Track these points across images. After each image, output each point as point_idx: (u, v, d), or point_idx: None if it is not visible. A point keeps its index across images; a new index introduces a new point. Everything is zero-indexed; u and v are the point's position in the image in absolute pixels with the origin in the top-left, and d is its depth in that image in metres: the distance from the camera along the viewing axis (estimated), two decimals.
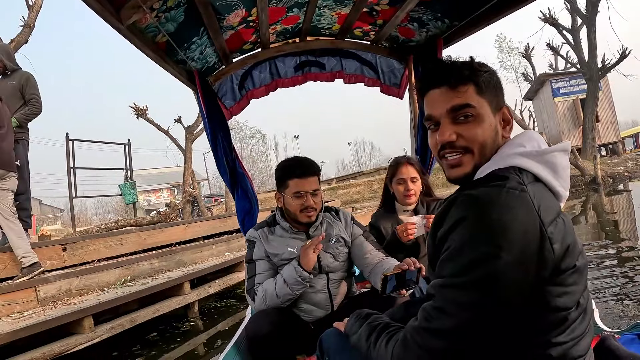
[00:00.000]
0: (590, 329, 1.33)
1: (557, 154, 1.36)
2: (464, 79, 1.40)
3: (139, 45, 2.48)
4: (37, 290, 4.91)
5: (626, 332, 2.11)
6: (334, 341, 1.83)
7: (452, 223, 1.24)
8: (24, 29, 11.99)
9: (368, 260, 2.83)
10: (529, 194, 1.21)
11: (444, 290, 1.23)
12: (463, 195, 1.28)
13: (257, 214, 3.64)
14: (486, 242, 1.14)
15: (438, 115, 1.43)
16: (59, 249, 6.18)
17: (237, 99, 3.75)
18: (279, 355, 2.48)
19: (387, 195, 3.46)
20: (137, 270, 6.30)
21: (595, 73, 23.85)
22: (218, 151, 3.41)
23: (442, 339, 1.21)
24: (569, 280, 1.21)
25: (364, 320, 1.64)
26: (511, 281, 1.13)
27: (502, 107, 1.45)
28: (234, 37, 3.17)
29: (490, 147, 1.39)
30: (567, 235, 1.23)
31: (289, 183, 2.74)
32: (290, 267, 2.62)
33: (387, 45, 3.85)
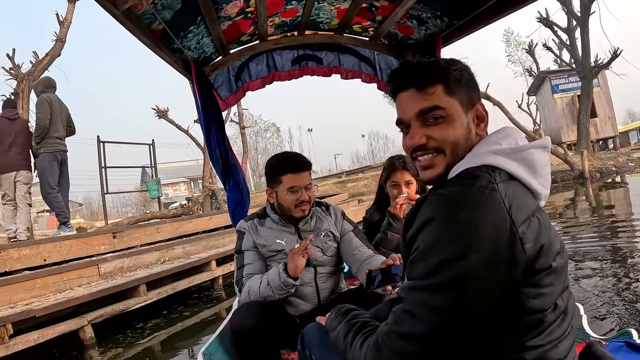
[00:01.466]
0: (571, 331, 1.30)
1: (535, 150, 1.32)
2: (432, 80, 1.37)
3: (134, 32, 2.45)
4: (99, 267, 6.78)
5: (614, 339, 2.07)
6: (315, 336, 1.81)
7: (420, 223, 1.22)
8: (56, 43, 12.97)
9: (357, 257, 2.88)
10: (500, 192, 1.19)
11: (413, 293, 1.21)
12: (432, 195, 1.27)
13: (248, 205, 3.65)
14: (454, 243, 1.12)
15: (408, 118, 1.41)
16: (110, 236, 8.17)
17: (232, 90, 3.68)
18: (263, 348, 2.49)
19: (381, 194, 3.53)
20: (172, 253, 8.29)
21: (588, 72, 25.10)
22: (211, 142, 3.40)
23: (412, 343, 1.19)
24: (545, 281, 1.19)
25: (343, 317, 1.62)
26: (481, 282, 1.12)
27: (475, 104, 1.42)
28: (232, 28, 3.12)
29: (463, 146, 1.37)
30: (542, 234, 1.20)
31: (282, 179, 2.77)
32: (276, 270, 2.64)
33: (385, 42, 3.78)
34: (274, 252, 2.80)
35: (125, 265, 7.05)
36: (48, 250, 6.84)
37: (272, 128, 67.56)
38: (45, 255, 6.76)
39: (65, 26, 13.01)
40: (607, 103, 30.33)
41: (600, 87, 29.52)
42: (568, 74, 29.16)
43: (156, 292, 6.63)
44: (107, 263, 6.82)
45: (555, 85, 29.92)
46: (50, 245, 6.98)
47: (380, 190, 3.57)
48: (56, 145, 7.42)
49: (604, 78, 29.89)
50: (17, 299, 5.58)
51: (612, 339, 2.06)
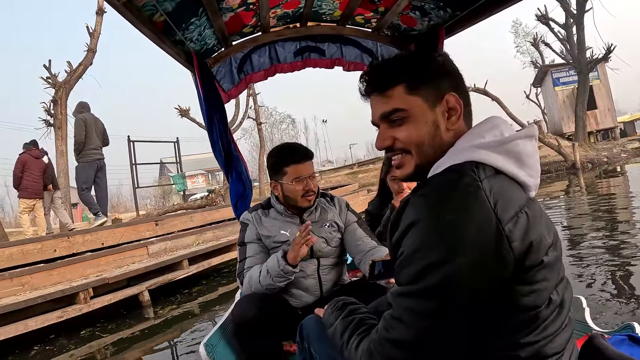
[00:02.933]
0: (568, 324, 1.21)
1: (520, 141, 1.23)
2: (391, 82, 1.29)
3: (135, 24, 2.34)
4: (148, 248, 7.98)
5: (616, 332, 1.97)
6: (314, 328, 1.72)
7: (405, 226, 1.14)
8: (88, 53, 13.79)
9: (360, 247, 2.69)
10: (484, 190, 1.10)
11: (400, 299, 1.15)
12: (415, 196, 1.19)
13: (251, 197, 3.49)
14: (439, 246, 1.05)
15: (375, 121, 1.35)
16: (153, 224, 9.61)
17: (235, 83, 3.55)
18: (264, 340, 2.34)
19: (383, 187, 3.41)
20: (204, 236, 9.41)
21: (584, 67, 25.77)
22: (214, 133, 3.25)
23: (402, 350, 1.13)
24: (537, 277, 1.10)
25: (340, 312, 1.54)
26: (468, 285, 1.05)
27: (444, 96, 1.29)
28: (234, 19, 2.96)
29: (429, 144, 1.28)
30: (531, 230, 1.11)
31: (287, 170, 2.60)
32: (274, 258, 2.46)
33: (388, 33, 3.61)
34: (278, 243, 2.64)
35: (168, 246, 8.30)
36: (105, 236, 8.34)
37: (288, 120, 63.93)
38: (103, 240, 8.22)
39: (95, 37, 13.79)
40: (606, 95, 30.69)
41: (600, 79, 30.01)
42: (568, 68, 29.19)
43: (195, 266, 7.97)
44: (154, 245, 8.10)
45: (556, 78, 30.64)
46: (106, 232, 8.51)
47: (382, 183, 3.44)
48: (92, 156, 8.88)
49: (603, 71, 29.97)
50: (87, 273, 6.82)
51: (615, 332, 1.97)
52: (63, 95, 13.35)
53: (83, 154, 8.83)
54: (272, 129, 59.49)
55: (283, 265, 2.40)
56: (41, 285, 6.28)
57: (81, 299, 5.92)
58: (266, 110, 48.51)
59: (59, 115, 13.17)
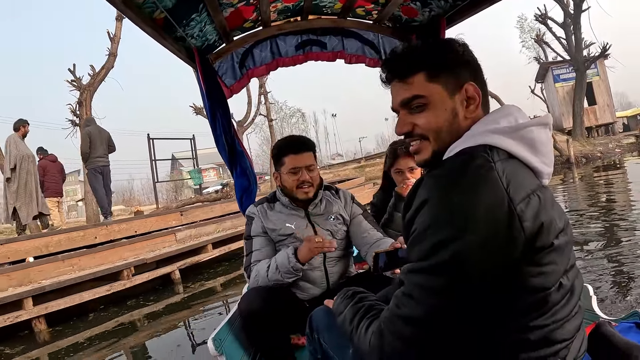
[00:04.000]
0: (578, 311, 1.16)
1: (534, 128, 1.20)
2: (412, 69, 1.26)
3: (135, 21, 2.28)
4: (176, 235, 8.68)
5: (624, 320, 1.93)
6: (323, 319, 1.68)
7: (417, 205, 1.12)
8: (109, 57, 14.24)
9: (366, 240, 2.57)
10: (497, 171, 1.07)
11: (411, 275, 1.12)
12: (428, 176, 1.17)
13: (256, 192, 3.38)
14: (450, 223, 1.03)
15: (395, 108, 1.33)
16: (178, 214, 10.53)
17: (237, 78, 3.46)
18: (272, 333, 2.25)
19: (387, 179, 3.26)
20: (224, 225, 10.00)
21: (581, 65, 26.09)
22: (217, 129, 3.15)
23: (413, 326, 1.10)
24: (546, 260, 1.06)
25: (349, 300, 1.48)
26: (478, 263, 1.02)
27: (463, 85, 1.26)
28: (234, 14, 2.87)
29: (447, 131, 1.25)
30: (542, 212, 1.06)
31: (285, 160, 2.51)
32: (285, 254, 2.34)
33: (389, 24, 3.49)
34: (283, 236, 2.54)
35: (193, 234, 9.07)
36: (137, 225, 9.22)
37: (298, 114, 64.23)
38: (136, 228, 9.04)
39: (115, 42, 14.25)
40: (605, 91, 30.91)
41: (599, 76, 30.27)
42: (568, 65, 29.11)
43: (218, 250, 8.74)
44: (180, 232, 8.90)
45: (556, 75, 31.00)
46: (138, 222, 9.50)
47: (385, 176, 3.30)
48: (97, 163, 9.67)
49: (603, 68, 30.08)
50: (125, 256, 7.52)
51: (622, 319, 1.93)
52: (88, 97, 13.98)
53: (89, 162, 9.63)
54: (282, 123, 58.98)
55: (294, 262, 2.30)
56: (87, 266, 7.05)
57: (124, 275, 6.80)
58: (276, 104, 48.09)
59: (84, 115, 13.48)
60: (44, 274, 6.52)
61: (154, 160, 15.60)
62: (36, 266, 6.56)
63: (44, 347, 5.31)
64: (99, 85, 14.44)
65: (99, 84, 14.39)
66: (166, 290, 7.30)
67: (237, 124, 20.13)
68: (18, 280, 6.25)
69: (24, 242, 7.46)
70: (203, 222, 9.97)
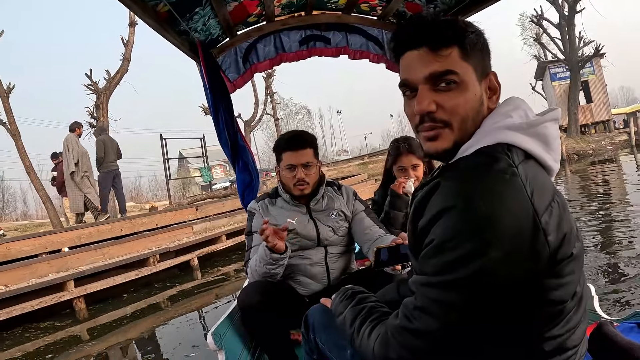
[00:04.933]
0: (585, 315, 1.07)
1: (548, 124, 1.10)
2: (447, 41, 1.07)
3: (139, 14, 2.22)
4: (193, 227, 9.05)
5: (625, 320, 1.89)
6: (319, 318, 1.59)
7: (434, 213, 0.98)
8: (123, 62, 14.62)
9: (368, 236, 2.46)
10: (521, 177, 0.96)
11: (426, 289, 1.01)
12: (445, 180, 1.02)
13: (258, 187, 3.29)
14: (472, 237, 0.92)
15: (415, 80, 1.10)
16: (194, 209, 11.00)
17: (240, 72, 3.39)
18: (272, 328, 2.17)
19: (388, 177, 3.10)
20: (235, 219, 10.23)
21: (575, 65, 26.51)
22: (220, 123, 3.07)
23: (423, 340, 1.02)
24: (566, 270, 0.97)
25: (349, 301, 1.40)
26: (500, 280, 0.92)
27: (488, 74, 1.13)
28: (238, 8, 2.79)
29: (472, 120, 1.09)
30: (564, 221, 0.97)
31: (283, 156, 2.39)
32: (262, 247, 2.24)
33: (394, 20, 3.38)
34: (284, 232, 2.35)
35: (207, 226, 9.53)
36: (158, 219, 9.81)
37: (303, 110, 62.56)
38: (157, 222, 9.62)
39: (129, 47, 14.61)
40: (602, 89, 31.06)
41: (595, 75, 30.39)
42: (564, 64, 29.53)
43: (231, 240, 9.21)
44: (197, 225, 9.38)
45: (553, 73, 31.25)
46: (159, 216, 10.15)
47: (386, 173, 3.15)
48: (109, 167, 10.51)
49: (599, 67, 30.15)
50: (149, 246, 7.98)
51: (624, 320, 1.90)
52: (104, 100, 14.45)
53: (103, 166, 10.45)
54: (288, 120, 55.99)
55: (269, 254, 2.22)
56: (116, 255, 7.60)
57: (151, 262, 7.47)
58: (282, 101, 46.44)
59: (101, 118, 14.03)
60: (79, 262, 7.13)
61: (166, 159, 16.05)
62: (72, 255, 7.29)
63: (84, 323, 5.93)
64: (115, 89, 14.87)
65: (114, 87, 14.83)
66: (186, 275, 7.91)
67: (245, 124, 20.51)
68: (57, 267, 6.88)
69: (60, 234, 8.30)
70: (216, 215, 10.42)
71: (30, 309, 5.84)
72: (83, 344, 5.18)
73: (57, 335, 5.51)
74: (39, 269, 6.73)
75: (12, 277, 6.40)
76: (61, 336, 5.48)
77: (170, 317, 5.82)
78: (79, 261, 7.22)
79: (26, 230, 14.63)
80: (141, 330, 5.45)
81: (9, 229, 14.19)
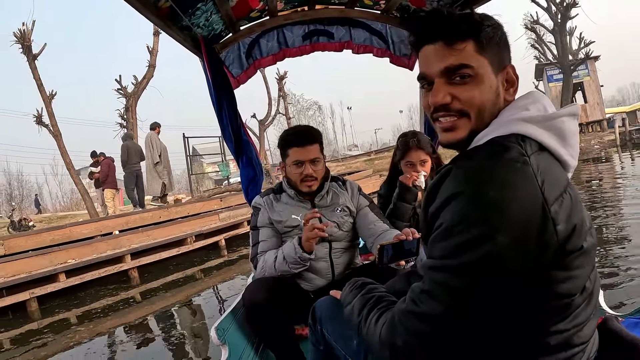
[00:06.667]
0: (595, 312, 1.03)
1: (565, 118, 1.05)
2: (462, 35, 1.05)
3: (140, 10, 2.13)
4: (219, 215, 9.68)
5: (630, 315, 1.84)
6: (327, 310, 1.55)
7: (444, 199, 0.96)
8: (149, 68, 15.33)
9: (372, 231, 2.31)
10: (532, 166, 0.92)
11: (433, 272, 0.98)
12: (457, 167, 1.00)
13: (262, 182, 3.18)
14: (481, 222, 0.90)
15: (431, 74, 1.09)
16: (219, 200, 11.57)
17: (244, 68, 3.29)
18: (276, 324, 2.07)
19: (394, 173, 2.92)
20: None
21: (567, 68, 27.25)
22: (223, 119, 2.96)
23: (429, 324, 0.98)
24: (575, 264, 0.93)
25: (359, 290, 1.35)
26: (506, 266, 0.90)
27: (505, 66, 1.09)
28: (241, 4, 2.69)
29: (489, 111, 1.07)
30: (574, 213, 0.93)
31: (289, 152, 2.24)
32: (291, 245, 2.11)
33: (397, 14, 3.24)
34: (289, 227, 2.32)
35: (231, 214, 10.18)
36: (189, 209, 10.62)
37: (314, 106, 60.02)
38: (188, 210, 10.38)
39: (154, 54, 15.26)
40: (596, 90, 31.89)
41: (590, 76, 31.18)
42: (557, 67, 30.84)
43: None
44: (222, 213, 10.10)
45: (550, 75, 32.22)
46: (190, 206, 11.00)
47: (393, 168, 3.00)
48: (132, 168, 11.41)
49: (593, 69, 30.73)
50: (184, 230, 8.92)
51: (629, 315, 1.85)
52: (133, 104, 15.31)
53: (127, 168, 11.35)
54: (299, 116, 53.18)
55: (300, 252, 2.11)
56: (158, 236, 8.57)
57: (188, 242, 8.38)
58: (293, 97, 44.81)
59: (130, 119, 14.67)
60: (129, 241, 8.10)
61: (188, 156, 16.98)
62: (124, 236, 8.34)
63: (137, 288, 6.98)
64: (142, 92, 15.66)
65: (141, 91, 15.63)
66: (215, 253, 8.88)
67: (260, 123, 21.46)
68: (112, 245, 7.93)
69: (111, 220, 9.36)
70: (237, 205, 11.23)
71: (98, 276, 7.01)
72: (137, 304, 6.39)
73: (120, 297, 6.61)
74: (99, 247, 7.86)
75: (79, 252, 7.61)
76: (122, 297, 6.59)
77: (205, 287, 6.78)
78: (129, 241, 8.24)
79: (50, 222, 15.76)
80: (181, 295, 6.42)
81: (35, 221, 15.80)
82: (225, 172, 18.24)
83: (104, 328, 5.27)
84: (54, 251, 7.25)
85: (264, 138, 21.10)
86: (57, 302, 6.69)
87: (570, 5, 26.14)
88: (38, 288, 6.50)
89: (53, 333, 5.34)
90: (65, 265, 7.01)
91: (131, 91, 16.12)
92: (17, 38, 12.33)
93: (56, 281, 6.77)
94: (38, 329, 5.59)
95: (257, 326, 2.15)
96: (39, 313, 6.32)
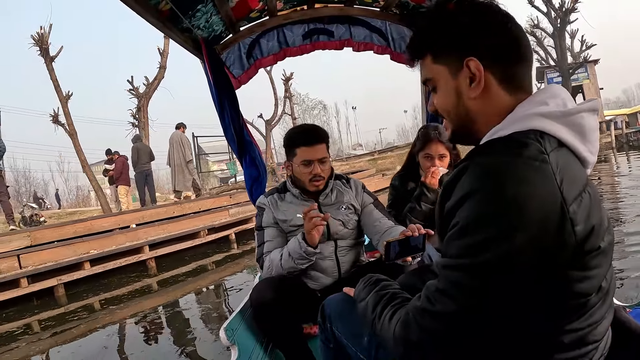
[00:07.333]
0: (610, 311, 1.00)
1: (585, 114, 1.00)
2: (422, 52, 1.10)
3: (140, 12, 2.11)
4: (229, 211, 9.76)
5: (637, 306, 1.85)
6: (337, 307, 1.53)
7: (460, 196, 0.93)
8: (160, 69, 15.34)
9: (377, 228, 2.27)
10: (551, 164, 0.88)
11: (449, 271, 0.95)
12: (474, 164, 0.95)
13: (266, 181, 3.15)
14: (498, 221, 0.87)
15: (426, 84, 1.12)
16: (228, 197, 11.55)
17: (245, 68, 3.26)
18: (284, 323, 2.05)
19: (411, 162, 2.84)
20: None
21: (565, 72, 27.15)
22: (225, 120, 2.94)
23: (443, 322, 0.96)
24: (592, 264, 0.90)
25: (373, 287, 1.31)
26: (522, 265, 0.87)
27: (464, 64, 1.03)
28: (240, 4, 2.66)
29: (454, 112, 1.10)
30: (593, 212, 0.90)
31: (297, 151, 2.19)
32: (295, 241, 2.11)
33: (397, 11, 3.18)
34: (294, 227, 2.28)
35: (240, 210, 10.36)
36: (201, 204, 10.73)
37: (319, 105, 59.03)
38: (200, 206, 10.56)
39: (164, 56, 14.82)
40: (595, 93, 31.10)
41: (589, 79, 30.98)
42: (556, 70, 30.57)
43: None
44: (232, 209, 10.24)
45: (550, 78, 31.65)
46: (202, 202, 11.00)
47: (410, 158, 2.88)
48: (142, 168, 11.76)
49: (592, 72, 30.49)
50: (196, 224, 9.15)
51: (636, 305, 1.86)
52: (144, 104, 15.44)
53: (137, 168, 11.67)
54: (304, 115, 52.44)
55: (305, 247, 2.06)
56: (173, 230, 8.83)
57: (201, 235, 8.62)
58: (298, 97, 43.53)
59: (142, 119, 14.72)
60: (146, 234, 8.43)
61: (197, 155, 17.06)
62: (141, 229, 8.70)
63: (155, 277, 7.24)
64: (153, 93, 15.74)
65: (152, 92, 15.73)
66: (226, 246, 9.18)
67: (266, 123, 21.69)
68: (130, 238, 8.25)
69: (129, 214, 9.70)
70: (246, 202, 11.61)
71: (119, 265, 7.34)
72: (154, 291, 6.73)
73: (137, 285, 6.98)
74: (118, 239, 8.21)
75: (100, 244, 7.99)
76: (140, 285, 6.94)
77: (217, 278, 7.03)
78: (146, 234, 8.56)
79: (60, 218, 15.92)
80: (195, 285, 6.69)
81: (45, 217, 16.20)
82: (233, 170, 18.40)
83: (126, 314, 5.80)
84: (77, 242, 7.71)
85: (270, 137, 21.34)
86: (83, 288, 7.26)
87: (569, 11, 26.15)
88: (65, 275, 6.92)
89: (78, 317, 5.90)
90: (89, 255, 7.46)
91: (143, 92, 16.44)
92: (35, 41, 12.42)
93: (81, 269, 7.21)
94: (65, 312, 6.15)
95: (265, 326, 2.13)
96: (65, 298, 6.81)
